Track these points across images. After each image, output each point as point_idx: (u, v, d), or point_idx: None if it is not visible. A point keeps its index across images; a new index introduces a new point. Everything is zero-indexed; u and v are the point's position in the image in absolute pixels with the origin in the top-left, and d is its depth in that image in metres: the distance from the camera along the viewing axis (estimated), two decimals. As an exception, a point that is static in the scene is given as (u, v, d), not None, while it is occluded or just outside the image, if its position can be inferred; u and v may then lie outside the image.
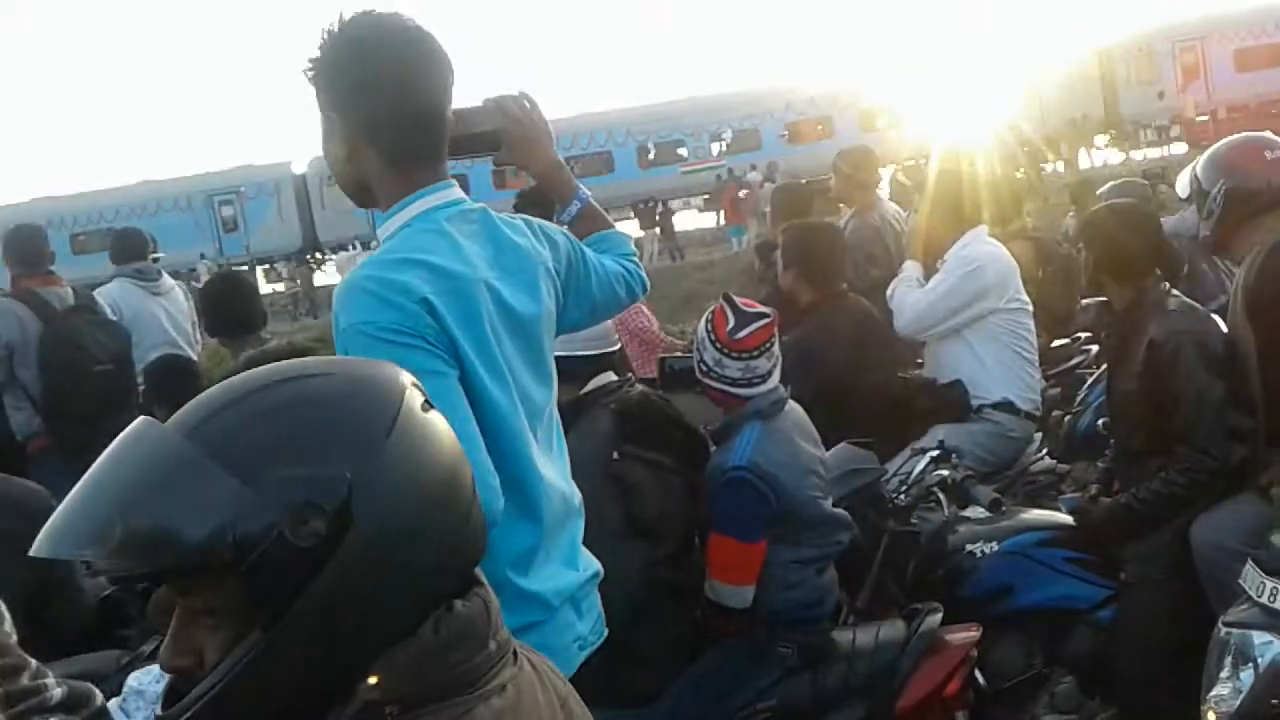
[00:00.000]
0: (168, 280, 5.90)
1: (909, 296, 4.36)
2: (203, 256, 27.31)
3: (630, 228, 26.89)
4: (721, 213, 28.80)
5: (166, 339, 5.55)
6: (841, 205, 6.19)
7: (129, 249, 5.83)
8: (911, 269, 4.50)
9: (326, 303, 22.53)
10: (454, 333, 1.81)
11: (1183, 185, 3.86)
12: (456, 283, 1.84)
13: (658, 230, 27.43)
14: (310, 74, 1.87)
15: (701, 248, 27.59)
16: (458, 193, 1.96)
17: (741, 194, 26.06)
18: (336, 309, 1.80)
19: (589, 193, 2.36)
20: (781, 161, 27.49)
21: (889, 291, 4.51)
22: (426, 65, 1.88)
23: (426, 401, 1.05)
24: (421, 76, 1.88)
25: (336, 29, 1.84)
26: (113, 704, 2.14)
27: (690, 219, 32.20)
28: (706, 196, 30.81)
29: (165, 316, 5.66)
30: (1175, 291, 3.41)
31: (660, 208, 29.10)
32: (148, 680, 2.26)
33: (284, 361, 1.06)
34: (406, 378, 1.05)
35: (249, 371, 1.03)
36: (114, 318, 5.25)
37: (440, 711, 0.97)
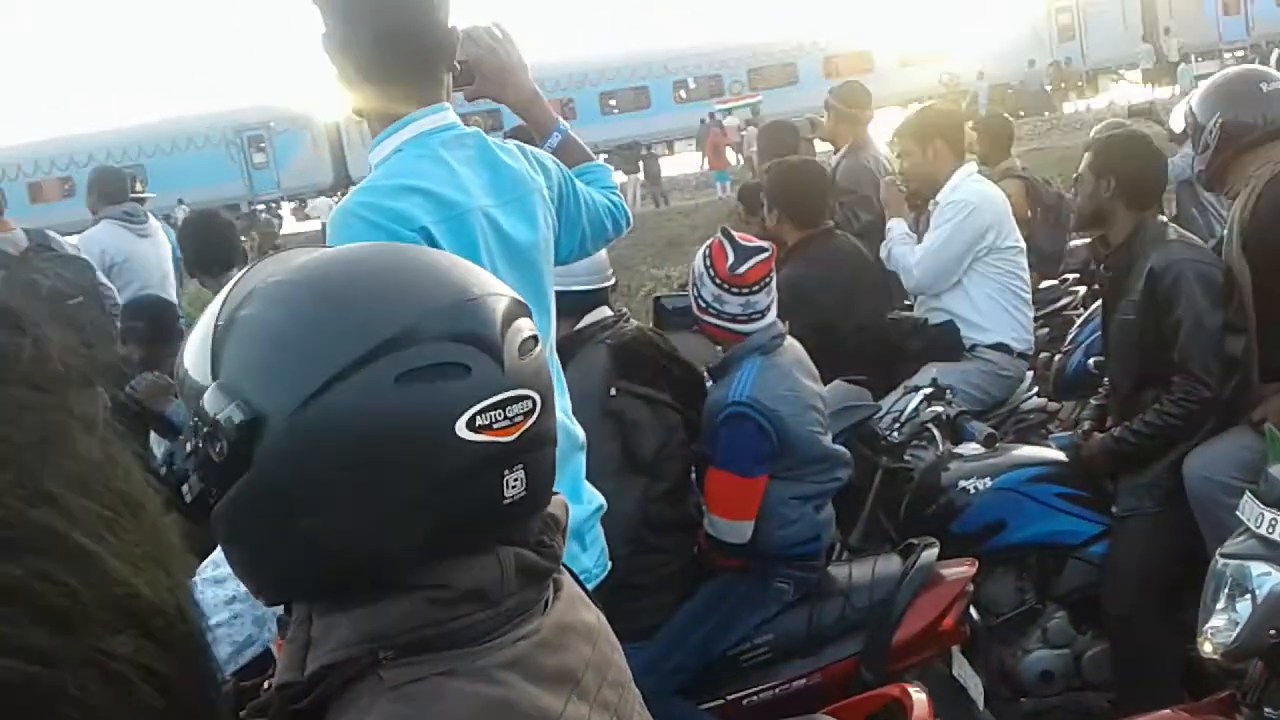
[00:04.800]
0: (153, 221, 5.81)
1: (911, 256, 4.27)
2: (180, 201, 27.00)
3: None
4: (705, 158, 28.64)
5: (156, 279, 5.47)
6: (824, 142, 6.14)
7: (112, 191, 5.70)
8: (898, 226, 4.43)
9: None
10: None
11: (1177, 119, 3.85)
12: (454, 210, 1.80)
13: (641, 175, 27.21)
14: None
15: (685, 193, 27.42)
16: (452, 116, 1.92)
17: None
18: (330, 236, 1.76)
19: (567, 124, 2.31)
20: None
21: (882, 254, 4.44)
22: None
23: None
24: None
25: None
26: None
27: (673, 164, 32.18)
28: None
29: (153, 257, 5.56)
30: (1173, 224, 3.40)
31: (645, 152, 28.96)
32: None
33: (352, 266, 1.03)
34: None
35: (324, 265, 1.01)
36: (95, 260, 5.14)
37: (431, 663, 0.95)
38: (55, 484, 0.34)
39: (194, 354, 0.99)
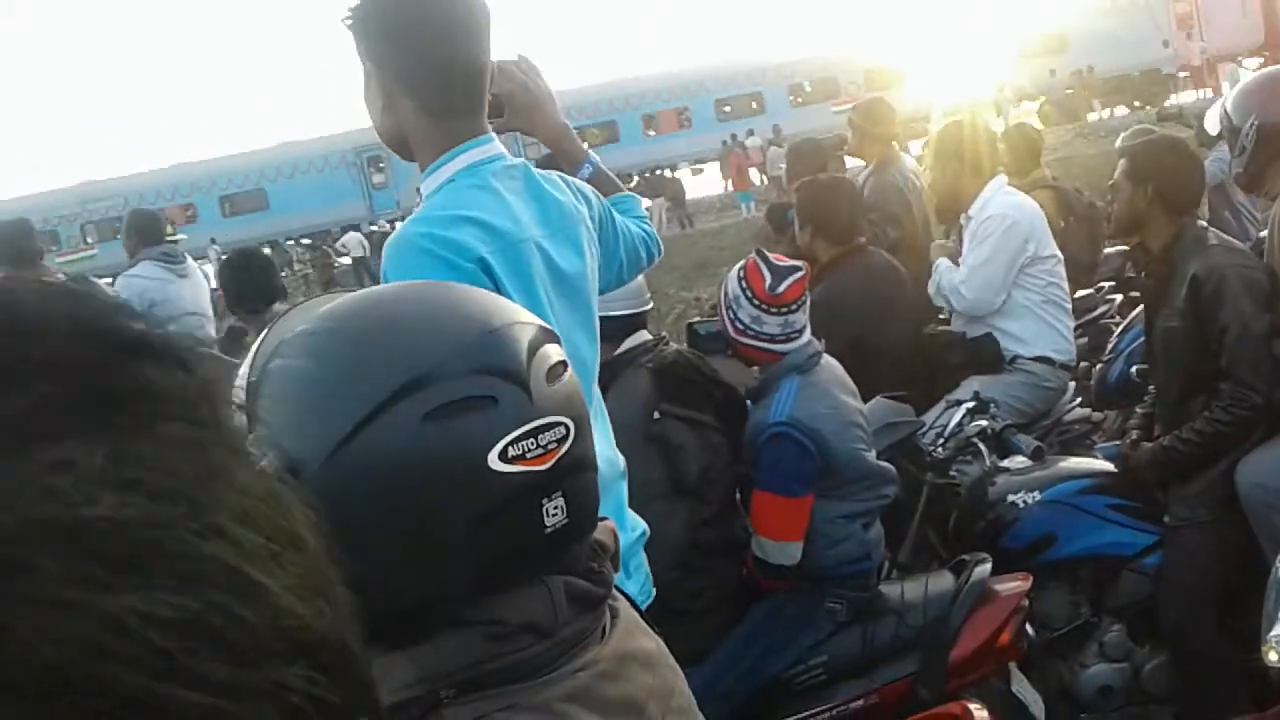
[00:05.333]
0: (191, 262, 5.88)
1: (956, 276, 4.21)
2: (213, 241, 27.32)
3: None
4: (729, 181, 28.70)
5: (194, 320, 5.53)
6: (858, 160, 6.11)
7: (150, 232, 5.78)
8: (944, 262, 4.33)
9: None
10: (510, 295, 1.77)
11: (1212, 122, 3.81)
12: (508, 240, 1.80)
13: (664, 199, 27.28)
14: (349, 23, 1.83)
15: (710, 215, 27.47)
16: (499, 147, 1.92)
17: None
18: (386, 266, 1.75)
19: (598, 158, 2.31)
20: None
21: (930, 290, 4.36)
22: (465, 16, 1.84)
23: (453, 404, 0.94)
24: (459, 27, 1.83)
25: None
26: None
27: (696, 184, 32.26)
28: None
29: (190, 296, 5.63)
30: (1213, 229, 3.36)
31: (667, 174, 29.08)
32: None
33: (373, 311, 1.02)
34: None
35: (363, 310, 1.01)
36: (134, 302, 5.19)
37: (492, 699, 0.94)
38: (224, 517, 0.34)
39: None
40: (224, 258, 4.94)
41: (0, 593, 0.30)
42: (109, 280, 5.56)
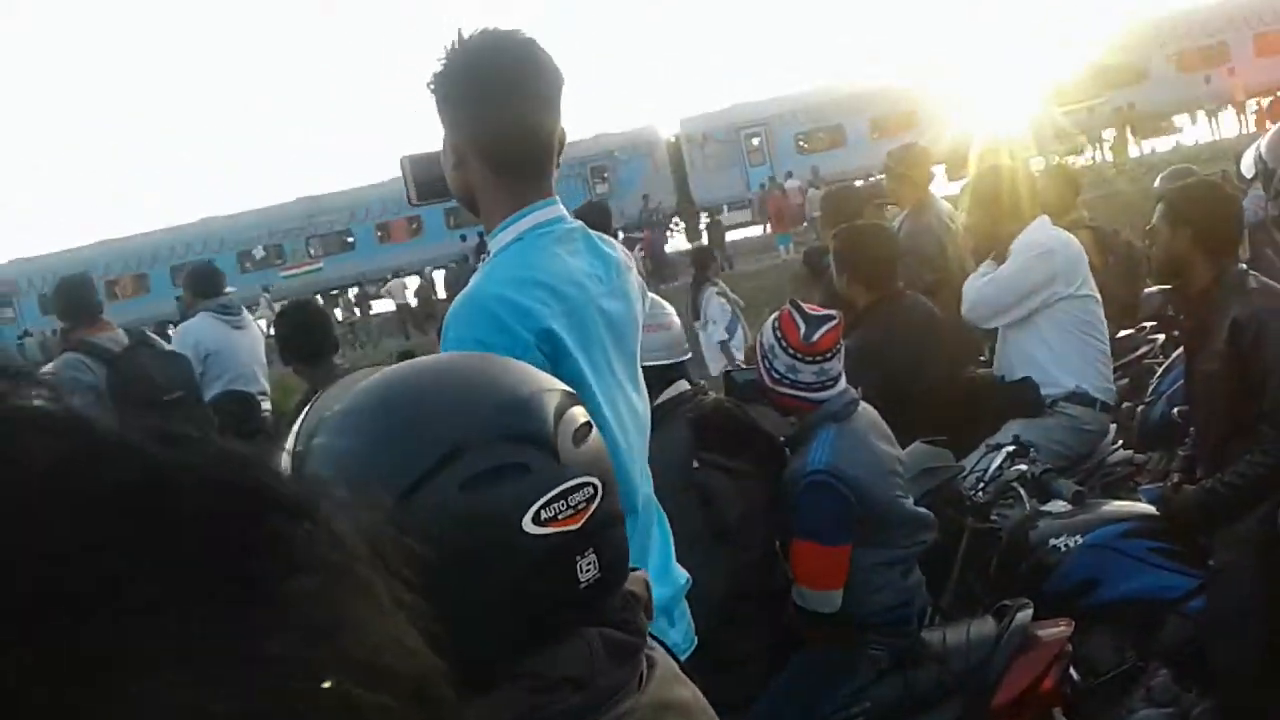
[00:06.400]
0: (246, 314, 6.04)
1: (976, 283, 4.27)
2: (265, 289, 27.60)
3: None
4: (768, 223, 28.72)
5: (249, 370, 5.68)
6: (893, 207, 6.13)
7: (208, 285, 5.94)
8: (984, 266, 4.40)
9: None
10: (575, 360, 1.82)
11: (1248, 164, 3.81)
12: (573, 305, 1.87)
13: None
14: (431, 88, 1.91)
15: (749, 257, 27.50)
16: (562, 210, 2.00)
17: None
18: (450, 318, 1.82)
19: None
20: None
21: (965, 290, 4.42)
22: (536, 81, 1.90)
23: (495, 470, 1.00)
24: (531, 93, 1.90)
25: (457, 44, 1.87)
26: None
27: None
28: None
29: (247, 348, 5.77)
30: (1253, 272, 3.35)
31: (709, 219, 29.04)
32: None
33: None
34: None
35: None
36: (190, 351, 5.34)
37: None
38: (342, 675, 0.34)
39: None
40: (280, 310, 5.04)
41: None
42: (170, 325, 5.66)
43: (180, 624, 0.31)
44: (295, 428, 1.08)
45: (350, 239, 32.62)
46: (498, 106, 1.89)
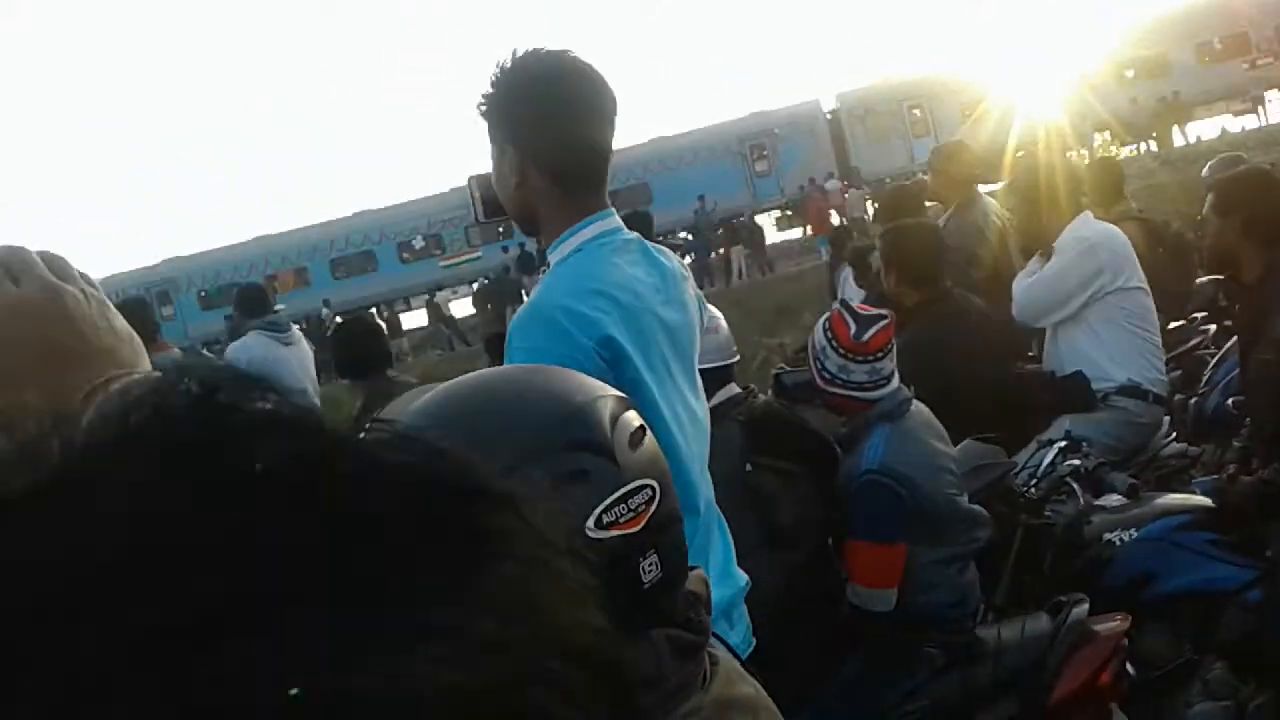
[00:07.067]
0: (296, 330, 6.15)
1: (1023, 284, 4.27)
2: (326, 304, 27.80)
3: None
4: (807, 225, 28.60)
5: (299, 386, 5.76)
6: (938, 204, 6.12)
7: (254, 306, 6.07)
8: (1032, 263, 4.39)
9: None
10: (637, 367, 1.86)
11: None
12: (631, 312, 1.91)
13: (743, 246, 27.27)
14: (483, 109, 1.96)
15: (790, 259, 27.43)
16: (618, 221, 2.04)
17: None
18: (514, 328, 1.87)
19: None
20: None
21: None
22: (595, 98, 1.97)
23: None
24: (591, 108, 1.96)
25: (510, 65, 1.93)
26: None
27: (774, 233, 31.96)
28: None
29: (297, 364, 5.87)
30: None
31: (750, 222, 28.89)
32: None
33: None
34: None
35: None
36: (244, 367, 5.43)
37: None
38: (551, 661, 0.35)
39: None
40: (336, 326, 5.15)
41: None
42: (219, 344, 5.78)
43: (423, 611, 0.33)
44: None
45: (501, 229, 32.29)
46: (564, 121, 1.94)
